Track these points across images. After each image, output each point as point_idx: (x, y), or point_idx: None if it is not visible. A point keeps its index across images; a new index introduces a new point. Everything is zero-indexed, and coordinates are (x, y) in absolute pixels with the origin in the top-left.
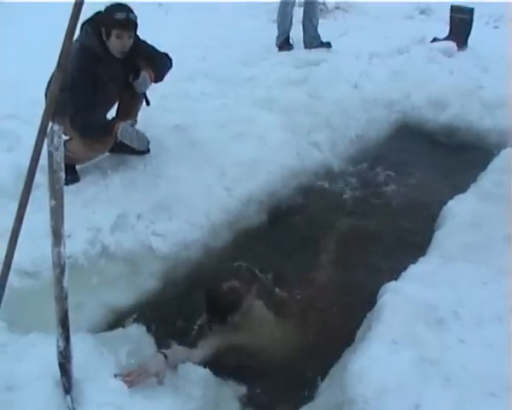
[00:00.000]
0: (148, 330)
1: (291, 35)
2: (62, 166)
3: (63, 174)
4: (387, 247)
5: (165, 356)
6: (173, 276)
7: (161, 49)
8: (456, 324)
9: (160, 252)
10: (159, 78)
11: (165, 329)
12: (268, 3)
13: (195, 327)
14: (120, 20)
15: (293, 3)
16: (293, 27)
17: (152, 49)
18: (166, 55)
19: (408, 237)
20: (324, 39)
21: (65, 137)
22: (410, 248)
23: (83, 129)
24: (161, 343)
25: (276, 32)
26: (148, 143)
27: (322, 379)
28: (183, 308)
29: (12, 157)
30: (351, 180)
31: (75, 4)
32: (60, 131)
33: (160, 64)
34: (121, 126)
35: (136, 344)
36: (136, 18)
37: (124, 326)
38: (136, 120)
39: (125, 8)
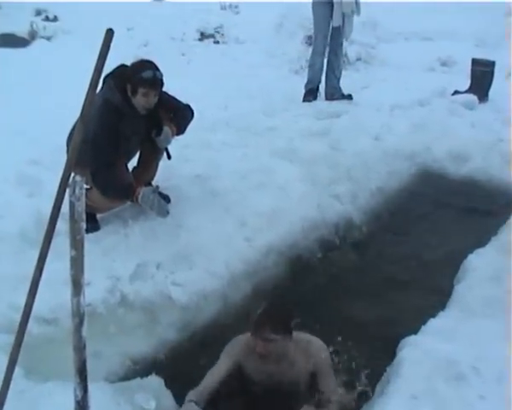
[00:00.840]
0: (166, 381)
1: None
2: (83, 216)
3: (84, 224)
4: (407, 300)
5: (195, 402)
6: (192, 326)
7: (183, 98)
8: (476, 380)
9: (179, 302)
10: (181, 131)
11: (182, 380)
12: (289, 53)
13: None
14: (148, 79)
15: (324, 53)
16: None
17: (174, 101)
18: (188, 106)
19: (429, 291)
20: (346, 91)
21: (86, 187)
22: (431, 303)
23: (104, 189)
24: (178, 394)
25: (299, 82)
26: (168, 211)
27: None
28: (201, 360)
29: (33, 203)
30: (371, 233)
31: (99, 57)
32: (82, 181)
33: (182, 117)
34: (142, 192)
35: (154, 395)
36: (162, 76)
37: (141, 377)
38: (158, 187)
39: (153, 66)
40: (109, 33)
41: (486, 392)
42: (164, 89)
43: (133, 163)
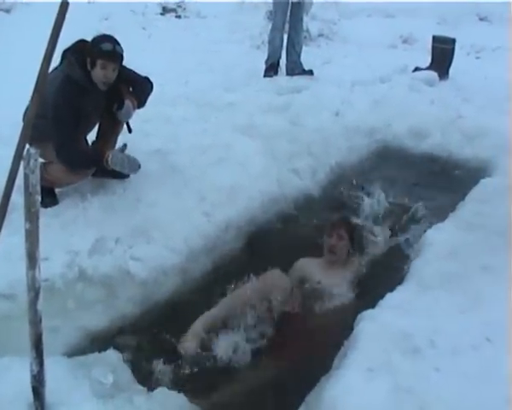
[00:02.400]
0: (124, 355)
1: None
2: (38, 189)
3: (39, 197)
4: (365, 275)
5: None
6: (151, 301)
7: (143, 72)
8: (431, 352)
9: (137, 277)
10: (141, 104)
11: (140, 355)
12: (251, 29)
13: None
14: (107, 51)
15: (283, 28)
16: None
17: (133, 74)
18: (147, 79)
19: (386, 266)
20: (307, 67)
21: (41, 161)
22: (388, 277)
23: (71, 163)
24: (136, 369)
25: (260, 58)
26: (140, 166)
27: (299, 407)
28: (159, 334)
29: None
30: (330, 207)
31: (53, 28)
32: (36, 154)
33: (141, 90)
34: (112, 154)
35: (112, 369)
36: (122, 51)
37: (100, 351)
38: (125, 145)
39: (112, 40)
40: (64, 5)
41: (442, 364)
42: (124, 63)
43: (91, 137)
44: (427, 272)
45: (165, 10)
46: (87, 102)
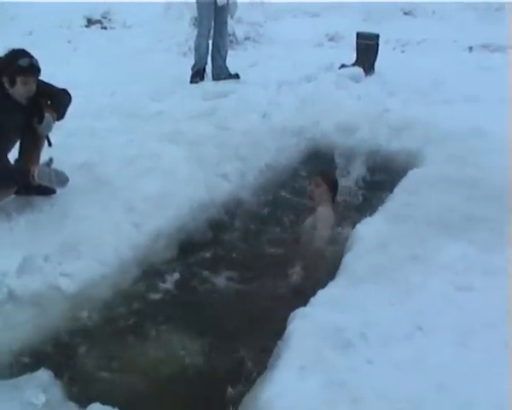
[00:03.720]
0: (56, 373)
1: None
2: None
3: None
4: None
5: None
6: (83, 316)
7: (69, 86)
8: (363, 345)
9: (68, 292)
10: (61, 116)
11: (73, 372)
12: (177, 36)
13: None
14: (25, 66)
15: (209, 34)
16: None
17: (50, 87)
18: (65, 90)
19: (321, 263)
20: (234, 71)
21: None
22: (322, 273)
23: None
24: (69, 387)
25: (187, 65)
26: (68, 179)
27: (236, 408)
28: (92, 350)
29: None
30: (260, 210)
31: None
32: None
33: (60, 102)
34: (38, 169)
35: (43, 389)
36: (38, 62)
37: (31, 371)
38: (51, 159)
39: (27, 54)
40: None
41: (373, 356)
42: (49, 77)
43: (13, 155)
44: (357, 266)
45: (90, 22)
46: (6, 120)
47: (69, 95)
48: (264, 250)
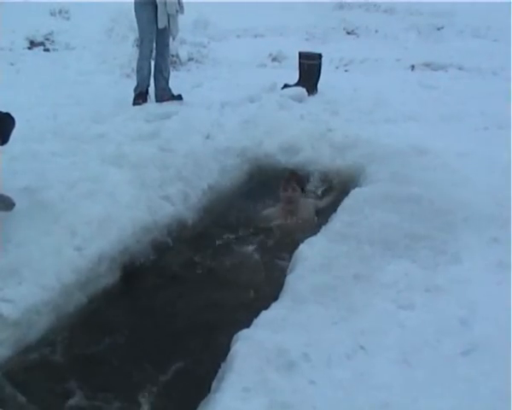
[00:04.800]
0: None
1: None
2: None
3: None
4: (242, 296)
5: None
6: (25, 342)
7: (12, 109)
8: (306, 366)
9: (10, 319)
10: (5, 141)
11: (17, 400)
12: (120, 58)
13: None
14: None
15: (150, 56)
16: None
17: None
18: (9, 114)
19: (262, 284)
20: (177, 92)
21: None
22: (265, 295)
23: None
24: None
25: (130, 86)
26: (14, 203)
27: None
28: (36, 375)
29: None
30: (203, 231)
31: None
32: None
33: (4, 126)
34: None
35: None
36: None
37: None
38: None
39: None
40: None
41: (316, 377)
42: None
43: None
44: (300, 286)
45: (32, 44)
46: None
47: (13, 119)
48: (209, 269)
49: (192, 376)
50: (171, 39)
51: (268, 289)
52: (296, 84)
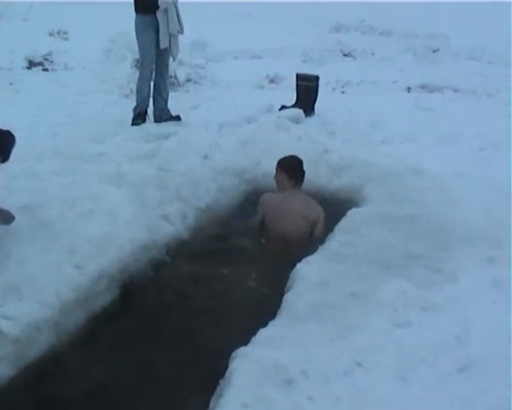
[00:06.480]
0: None
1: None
2: None
3: None
4: (241, 314)
5: None
6: (25, 359)
7: (11, 128)
8: (304, 382)
9: (10, 335)
10: (6, 158)
11: None
12: (119, 78)
13: None
14: None
15: (151, 77)
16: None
17: None
18: (9, 132)
19: (262, 303)
20: (175, 112)
21: None
22: (263, 313)
23: None
24: None
25: (129, 106)
26: (13, 217)
27: None
28: (36, 392)
29: None
30: (201, 250)
31: None
32: None
33: (4, 144)
34: None
35: None
36: None
37: None
38: None
39: None
40: None
41: (314, 393)
42: None
43: None
44: (298, 304)
45: (31, 64)
46: None
47: (13, 136)
48: (207, 287)
49: (189, 392)
50: (170, 60)
51: (266, 307)
52: (293, 106)
